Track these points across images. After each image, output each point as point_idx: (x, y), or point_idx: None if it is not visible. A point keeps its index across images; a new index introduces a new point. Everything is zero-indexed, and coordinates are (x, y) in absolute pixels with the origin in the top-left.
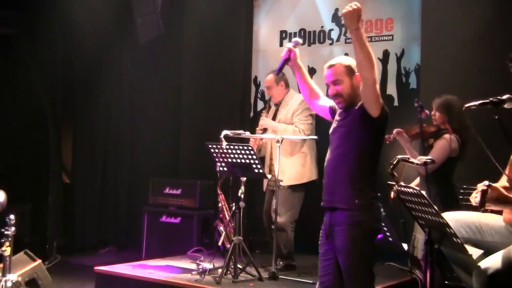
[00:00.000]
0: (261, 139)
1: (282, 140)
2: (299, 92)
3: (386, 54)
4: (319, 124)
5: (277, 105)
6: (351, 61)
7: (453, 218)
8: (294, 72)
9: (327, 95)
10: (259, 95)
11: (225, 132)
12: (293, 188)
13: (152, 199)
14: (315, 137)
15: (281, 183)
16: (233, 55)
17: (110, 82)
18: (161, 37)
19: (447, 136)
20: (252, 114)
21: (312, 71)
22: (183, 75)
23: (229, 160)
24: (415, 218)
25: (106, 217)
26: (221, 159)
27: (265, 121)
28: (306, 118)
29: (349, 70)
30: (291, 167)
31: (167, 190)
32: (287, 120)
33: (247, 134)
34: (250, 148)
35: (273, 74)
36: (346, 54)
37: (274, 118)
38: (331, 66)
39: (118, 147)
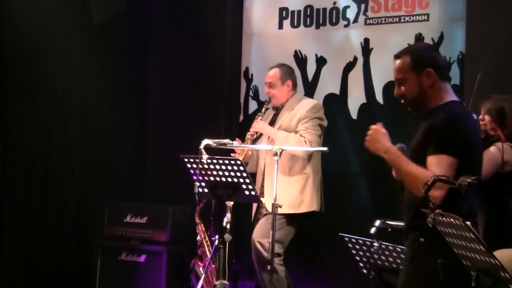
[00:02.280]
0: (250, 150)
1: (281, 153)
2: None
3: (419, 39)
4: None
5: (277, 109)
6: (421, 51)
7: (510, 258)
8: None
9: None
10: (251, 93)
11: (206, 141)
12: (287, 218)
13: (109, 230)
14: (325, 148)
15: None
16: (217, 40)
17: (54, 78)
18: (122, 16)
19: (498, 144)
20: (241, 117)
21: (321, 62)
22: (150, 67)
23: (211, 178)
24: (458, 257)
25: (45, 256)
26: (200, 177)
27: (260, 125)
28: (315, 128)
29: (416, 65)
30: (286, 191)
31: (128, 219)
32: (289, 128)
33: (235, 144)
34: (239, 162)
35: (279, 68)
36: (367, 40)
37: (272, 125)
38: (396, 57)
39: (64, 161)
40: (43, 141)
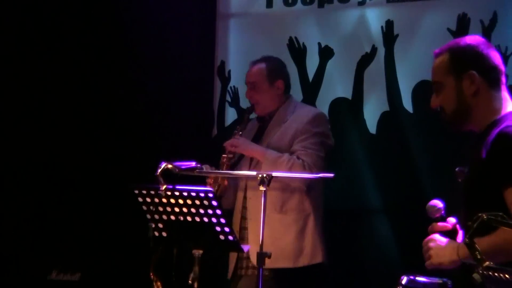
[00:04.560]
0: (227, 177)
1: (270, 180)
2: (303, 101)
3: (463, 21)
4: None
5: (263, 121)
6: (465, 47)
7: None
8: None
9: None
10: (228, 98)
11: (164, 165)
12: (279, 276)
13: None
14: (330, 175)
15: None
16: (182, 23)
17: None
18: None
19: None
20: (215, 131)
21: (326, 54)
22: (80, 60)
23: (172, 217)
24: None
25: None
26: (156, 216)
27: (240, 142)
28: (316, 147)
29: (456, 65)
30: (279, 235)
31: (54, 276)
32: (281, 147)
33: (205, 168)
34: (210, 195)
35: (266, 63)
36: (390, 24)
37: (256, 142)
38: (436, 55)
39: None
40: None
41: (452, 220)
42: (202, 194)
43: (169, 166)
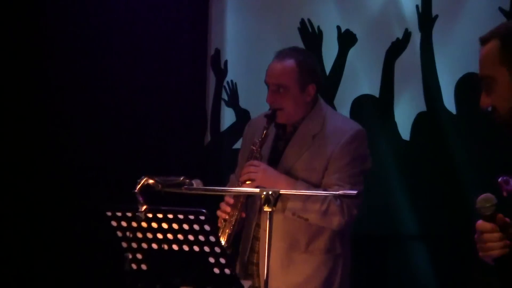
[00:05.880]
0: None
1: (276, 200)
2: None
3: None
4: None
5: (283, 129)
6: None
7: None
8: None
9: None
10: (225, 95)
11: (145, 180)
12: None
13: None
14: (354, 192)
15: None
16: (167, 2)
17: None
18: None
19: None
20: (208, 138)
21: (347, 41)
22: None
23: (154, 245)
24: None
25: None
26: (134, 244)
27: (260, 172)
28: (356, 180)
29: (509, 54)
30: (303, 281)
31: None
32: (312, 173)
33: (196, 184)
34: (202, 217)
35: (296, 60)
36: (427, 3)
37: (275, 160)
38: (482, 42)
39: None
40: None
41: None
42: (191, 217)
43: (150, 181)
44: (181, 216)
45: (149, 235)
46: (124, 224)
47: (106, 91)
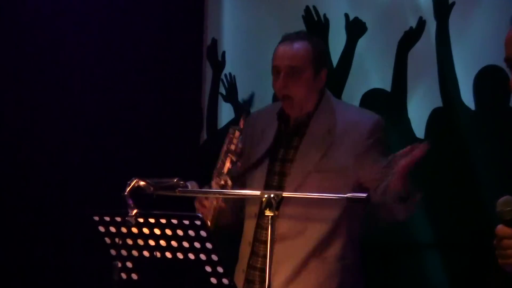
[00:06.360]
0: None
1: (279, 203)
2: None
3: None
4: None
5: (286, 123)
6: None
7: None
8: None
9: None
10: (222, 88)
11: (135, 182)
12: None
13: None
14: (363, 194)
15: None
16: None
17: None
18: None
19: None
20: (204, 136)
21: (356, 29)
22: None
23: (145, 253)
24: None
25: None
26: (124, 252)
27: None
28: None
29: None
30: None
31: None
32: (346, 171)
33: (191, 186)
34: (198, 222)
35: (310, 42)
36: None
37: (287, 159)
38: None
39: None
40: None
41: None
42: (186, 222)
43: (142, 183)
44: (175, 221)
45: (140, 242)
46: (113, 229)
47: (96, 86)
